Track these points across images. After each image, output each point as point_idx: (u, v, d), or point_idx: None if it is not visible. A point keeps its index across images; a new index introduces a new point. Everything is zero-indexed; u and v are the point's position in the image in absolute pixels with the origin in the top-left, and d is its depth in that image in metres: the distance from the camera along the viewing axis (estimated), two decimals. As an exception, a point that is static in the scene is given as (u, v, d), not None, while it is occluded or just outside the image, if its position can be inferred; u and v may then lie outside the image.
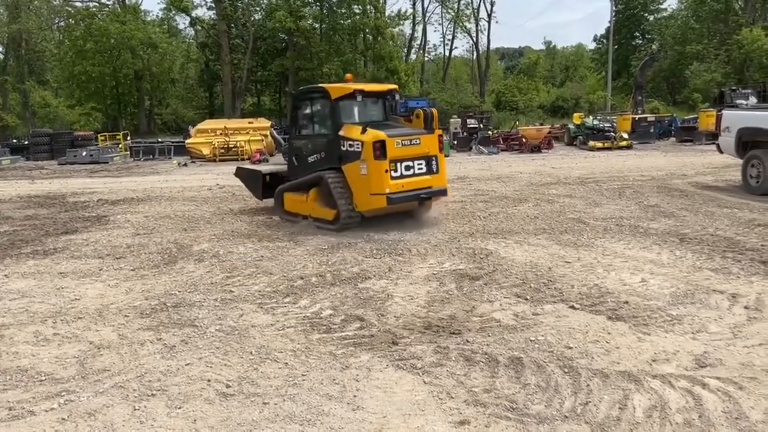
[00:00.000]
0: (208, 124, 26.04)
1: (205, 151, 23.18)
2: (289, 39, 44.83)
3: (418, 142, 8.89)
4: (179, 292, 6.23)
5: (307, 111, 10.06)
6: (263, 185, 10.77)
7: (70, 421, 3.66)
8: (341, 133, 8.98)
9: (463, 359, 4.40)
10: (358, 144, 8.65)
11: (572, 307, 5.42)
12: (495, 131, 28.15)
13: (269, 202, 10.86)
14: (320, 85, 9.98)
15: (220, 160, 22.68)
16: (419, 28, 56.03)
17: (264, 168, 11.62)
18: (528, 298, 5.72)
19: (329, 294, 6.04)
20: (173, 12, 48.04)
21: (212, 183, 15.69)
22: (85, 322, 5.42)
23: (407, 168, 8.79)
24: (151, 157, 25.08)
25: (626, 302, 5.48)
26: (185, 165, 21.89)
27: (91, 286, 6.59)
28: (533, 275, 6.44)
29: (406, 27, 56.59)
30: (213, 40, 47.40)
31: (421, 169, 8.96)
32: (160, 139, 28.96)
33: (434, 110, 9.36)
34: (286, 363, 4.43)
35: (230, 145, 23.04)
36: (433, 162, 9.08)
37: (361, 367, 4.32)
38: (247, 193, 13.35)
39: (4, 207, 12.67)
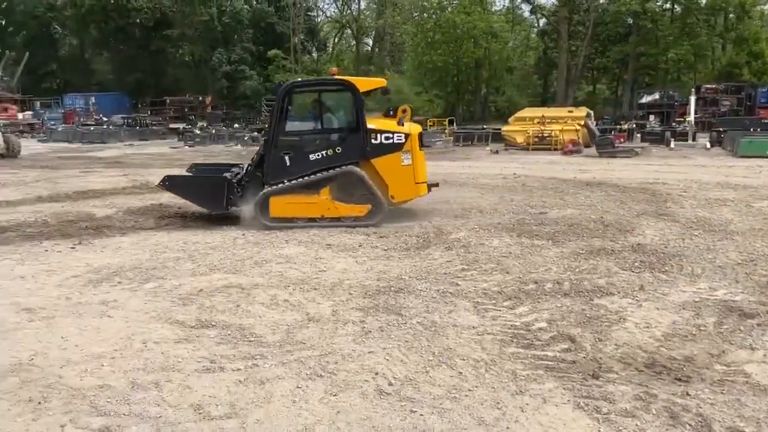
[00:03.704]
0: (526, 112, 25.90)
1: (519, 139, 23.12)
2: (633, 23, 41.75)
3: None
4: (409, 277, 6.30)
5: (308, 106, 9.42)
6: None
7: (243, 385, 3.97)
8: (372, 126, 8.90)
9: (666, 415, 3.50)
10: (399, 136, 8.88)
11: None
12: None
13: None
14: (337, 77, 9.37)
15: (533, 149, 22.39)
16: (802, 3, 46.69)
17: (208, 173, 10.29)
18: (810, 354, 4.29)
19: (554, 305, 5.43)
20: (519, 0, 48.97)
21: (510, 172, 15.54)
22: (316, 293, 5.85)
23: None
24: (470, 143, 26.01)
25: None
26: (496, 152, 22.18)
27: (343, 260, 7.10)
28: (837, 325, 4.82)
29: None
30: (552, 27, 46.88)
31: None
32: (484, 126, 29.88)
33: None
34: (460, 372, 4.10)
35: (544, 134, 22.57)
36: None
37: (537, 396, 3.76)
38: (534, 184, 12.96)
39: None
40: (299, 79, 9.78)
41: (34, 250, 7.75)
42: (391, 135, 8.89)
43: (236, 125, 36.48)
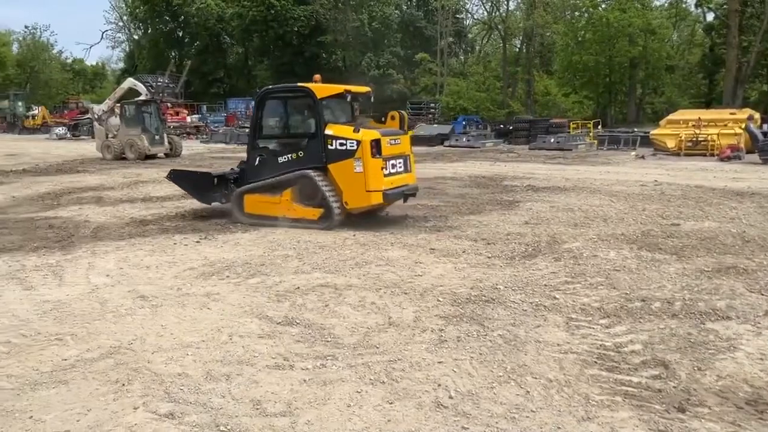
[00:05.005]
0: (680, 114, 23.85)
1: (670, 143, 21.36)
2: (819, 13, 37.08)
3: (399, 141, 9.49)
4: (505, 287, 6.05)
5: (277, 111, 9.87)
6: (214, 187, 10.38)
7: (307, 384, 4.04)
8: (329, 132, 9.04)
9: (752, 464, 3.06)
10: (352, 142, 8.87)
11: None
12: None
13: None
14: (298, 84, 10.07)
15: (685, 154, 20.60)
16: None
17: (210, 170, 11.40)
18: None
19: (657, 326, 4.95)
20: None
21: (651, 179, 14.43)
22: (405, 298, 5.81)
23: (392, 166, 9.26)
24: (615, 147, 24.50)
25: None
26: (642, 157, 20.65)
27: (442, 265, 6.99)
28: None
29: None
30: (721, 22, 42.94)
31: (401, 167, 9.50)
32: (635, 129, 28.05)
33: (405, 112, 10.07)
34: (528, 391, 3.87)
35: (699, 138, 20.65)
36: (408, 161, 9.72)
37: (605, 425, 3.45)
38: (675, 193, 12.02)
39: (450, 185, 14.39)
40: (270, 86, 10.71)
41: (165, 242, 8.47)
42: (345, 141, 9.00)
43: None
